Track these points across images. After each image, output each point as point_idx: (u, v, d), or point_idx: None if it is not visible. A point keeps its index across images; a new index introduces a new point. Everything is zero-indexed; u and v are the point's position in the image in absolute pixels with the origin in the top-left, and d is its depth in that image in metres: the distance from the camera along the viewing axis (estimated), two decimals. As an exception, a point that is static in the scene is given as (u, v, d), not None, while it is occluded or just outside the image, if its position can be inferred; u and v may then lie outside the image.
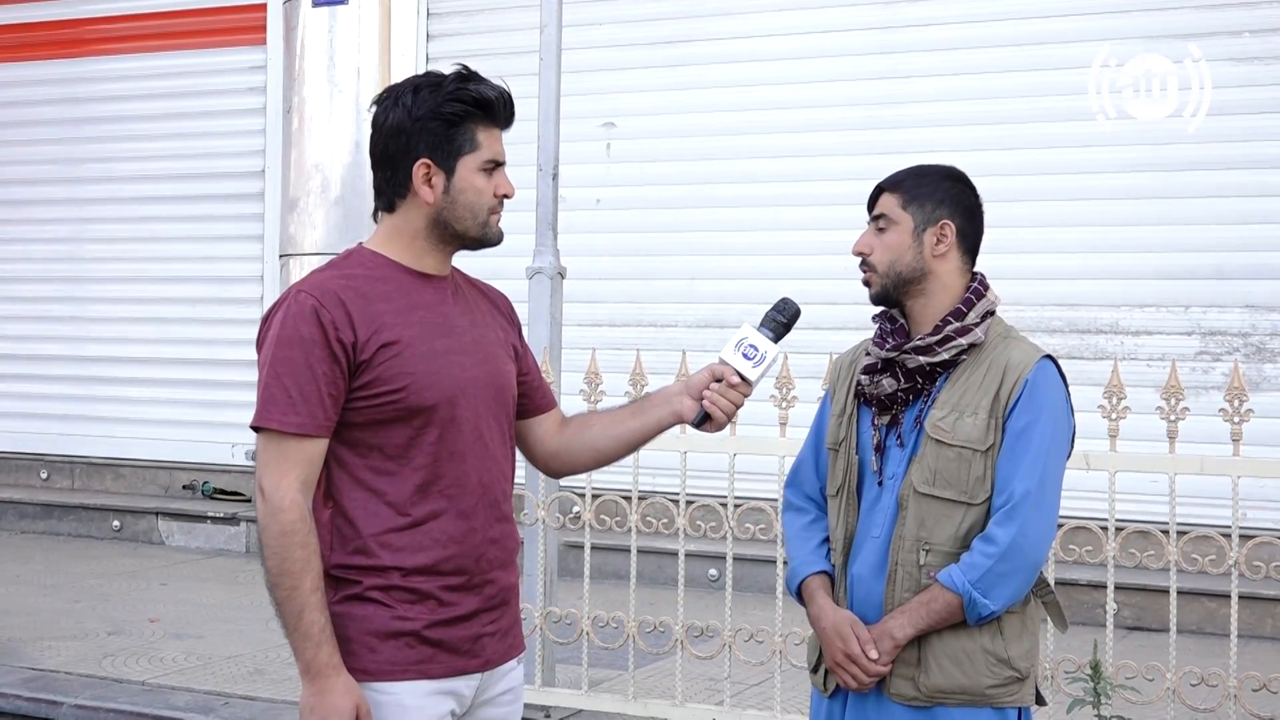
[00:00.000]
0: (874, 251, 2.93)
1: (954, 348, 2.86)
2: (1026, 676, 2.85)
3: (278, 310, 2.59)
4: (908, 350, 2.88)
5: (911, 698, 2.82)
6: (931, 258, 2.90)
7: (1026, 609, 2.88)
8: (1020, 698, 2.83)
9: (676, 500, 5.46)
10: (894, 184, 2.96)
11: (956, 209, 2.93)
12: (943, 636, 2.80)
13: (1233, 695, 4.66)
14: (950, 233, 2.91)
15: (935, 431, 2.82)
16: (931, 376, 2.87)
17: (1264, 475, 5.07)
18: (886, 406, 2.90)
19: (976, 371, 2.86)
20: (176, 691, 5.91)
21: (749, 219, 9.07)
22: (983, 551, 2.76)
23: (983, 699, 2.80)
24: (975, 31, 8.61)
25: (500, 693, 2.73)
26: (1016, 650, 2.83)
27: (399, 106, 2.62)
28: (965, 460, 2.81)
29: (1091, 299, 8.28)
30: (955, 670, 2.80)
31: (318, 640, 2.48)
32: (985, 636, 2.80)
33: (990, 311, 2.92)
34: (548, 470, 2.97)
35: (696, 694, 5.82)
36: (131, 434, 10.88)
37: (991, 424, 2.81)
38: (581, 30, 8.70)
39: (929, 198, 2.92)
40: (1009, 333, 2.93)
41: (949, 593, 2.76)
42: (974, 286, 2.93)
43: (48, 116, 11.41)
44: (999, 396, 2.82)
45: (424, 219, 2.65)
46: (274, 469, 2.51)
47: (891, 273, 2.91)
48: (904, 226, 2.91)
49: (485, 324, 2.75)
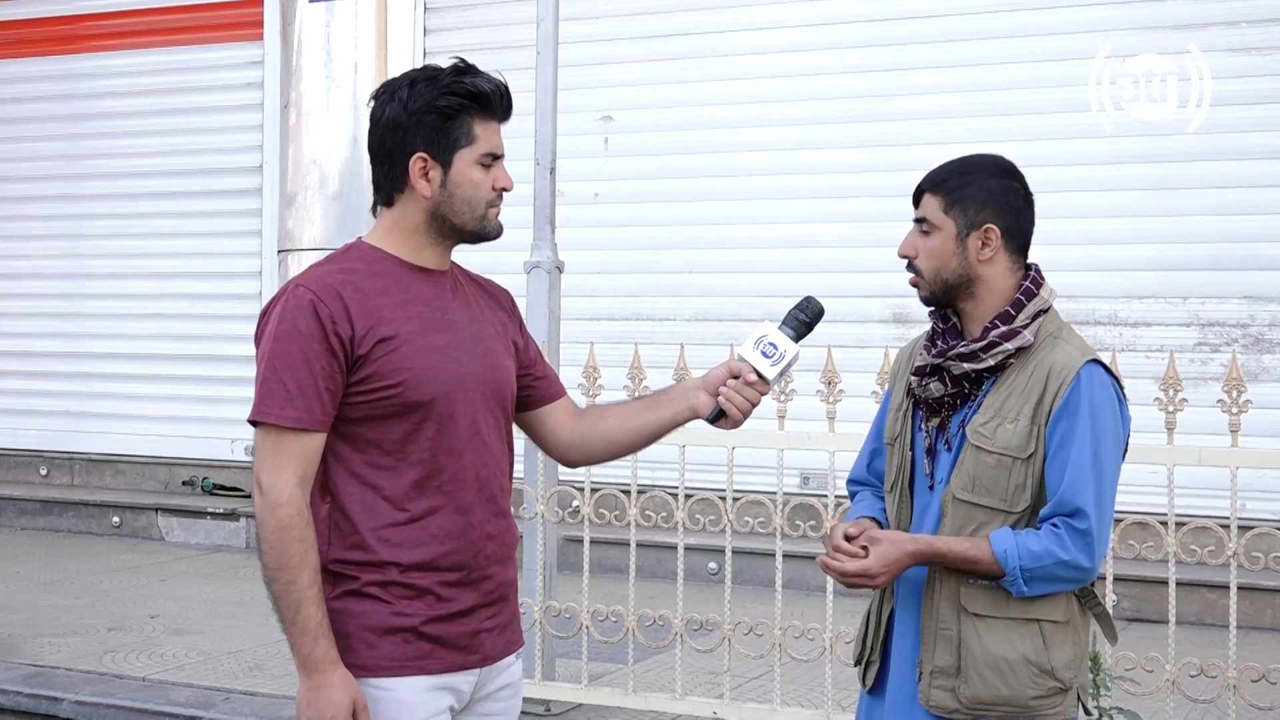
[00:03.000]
0: (919, 256, 2.84)
1: (1000, 353, 2.77)
2: (1070, 688, 2.77)
3: (275, 304, 2.59)
4: (952, 357, 2.80)
5: (951, 709, 2.74)
6: (977, 263, 2.81)
7: (1071, 618, 2.79)
8: (1064, 709, 2.76)
9: (675, 494, 5.45)
10: (936, 184, 2.85)
11: (1002, 209, 2.83)
12: (984, 645, 2.72)
13: (1232, 686, 4.67)
14: (995, 237, 2.81)
15: (975, 438, 2.75)
16: (979, 381, 2.79)
17: (1262, 466, 5.07)
18: (935, 410, 2.84)
19: (1022, 375, 2.76)
20: (177, 687, 5.91)
21: (747, 212, 9.07)
22: (1051, 550, 2.66)
23: (1025, 711, 2.73)
24: (972, 23, 8.60)
25: (499, 688, 2.73)
26: (1060, 660, 2.75)
27: (395, 101, 2.61)
28: (1005, 468, 2.73)
29: (1090, 290, 8.27)
30: (997, 681, 2.71)
31: (314, 635, 2.48)
32: (1028, 646, 2.72)
33: (1043, 310, 2.81)
34: (563, 459, 2.96)
35: (696, 687, 5.83)
36: (131, 430, 10.88)
37: (1034, 431, 2.72)
38: (578, 24, 8.70)
39: (972, 200, 2.81)
40: (1059, 331, 2.81)
41: (994, 559, 2.68)
42: (1025, 286, 2.82)
43: (46, 113, 11.40)
44: (1041, 404, 2.73)
45: (422, 213, 2.64)
46: (271, 463, 2.51)
47: (938, 280, 2.82)
48: (947, 232, 2.81)
49: (484, 319, 2.75)
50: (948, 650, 2.75)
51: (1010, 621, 2.73)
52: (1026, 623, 2.73)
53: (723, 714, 5.40)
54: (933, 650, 2.77)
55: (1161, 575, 5.27)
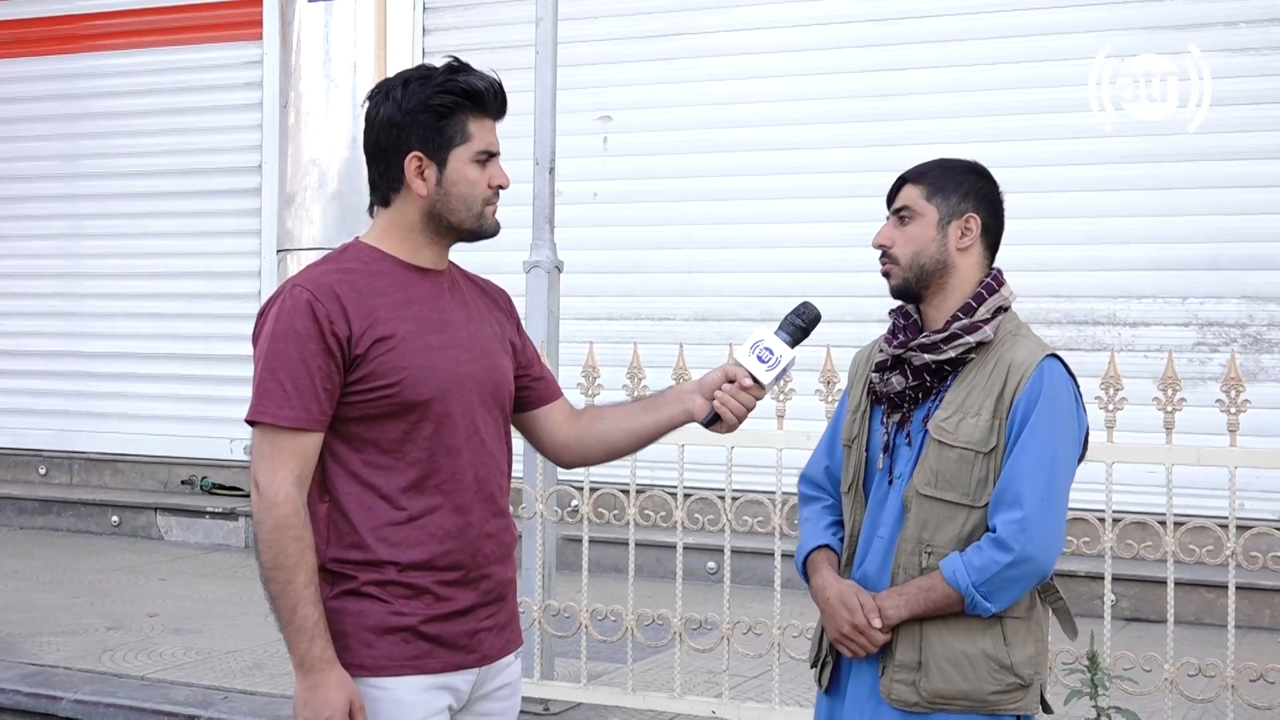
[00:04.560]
0: (896, 244, 2.89)
1: (961, 346, 2.81)
2: (1030, 684, 2.79)
3: (273, 304, 2.59)
4: (913, 348, 2.84)
5: (912, 703, 2.77)
6: (955, 251, 2.86)
7: (1033, 614, 2.82)
8: (1024, 705, 2.78)
9: (674, 493, 5.46)
10: (918, 175, 2.91)
11: (981, 202, 2.89)
12: (944, 639, 2.76)
13: (1230, 685, 4.67)
14: (975, 226, 2.88)
15: (938, 432, 2.79)
16: (940, 375, 2.83)
17: (1261, 466, 5.07)
18: (896, 405, 2.87)
19: (983, 371, 2.81)
20: (176, 686, 5.91)
21: (746, 212, 9.07)
22: (993, 557, 2.70)
23: (984, 705, 2.75)
24: (971, 23, 8.60)
25: (498, 687, 2.73)
26: (1020, 656, 2.78)
27: (390, 100, 2.62)
28: (967, 462, 2.77)
29: (1088, 290, 8.28)
30: (956, 675, 2.75)
31: (311, 634, 2.49)
32: (988, 641, 2.75)
33: (1003, 308, 2.86)
34: (558, 460, 2.96)
35: (695, 687, 5.83)
36: (130, 429, 10.88)
37: (995, 425, 2.76)
38: (577, 24, 8.70)
39: (954, 190, 2.88)
40: (1019, 330, 2.87)
41: (949, 586, 2.72)
42: (987, 282, 2.88)
43: (44, 112, 11.40)
44: (1002, 397, 2.77)
45: (418, 212, 2.64)
46: (269, 463, 2.51)
47: (915, 265, 2.87)
48: (928, 219, 2.87)
49: (482, 319, 2.75)
50: (909, 645, 2.78)
51: (972, 618, 2.76)
52: (988, 619, 2.76)
53: (721, 713, 5.40)
54: (894, 646, 2.80)
55: (1160, 575, 5.28)
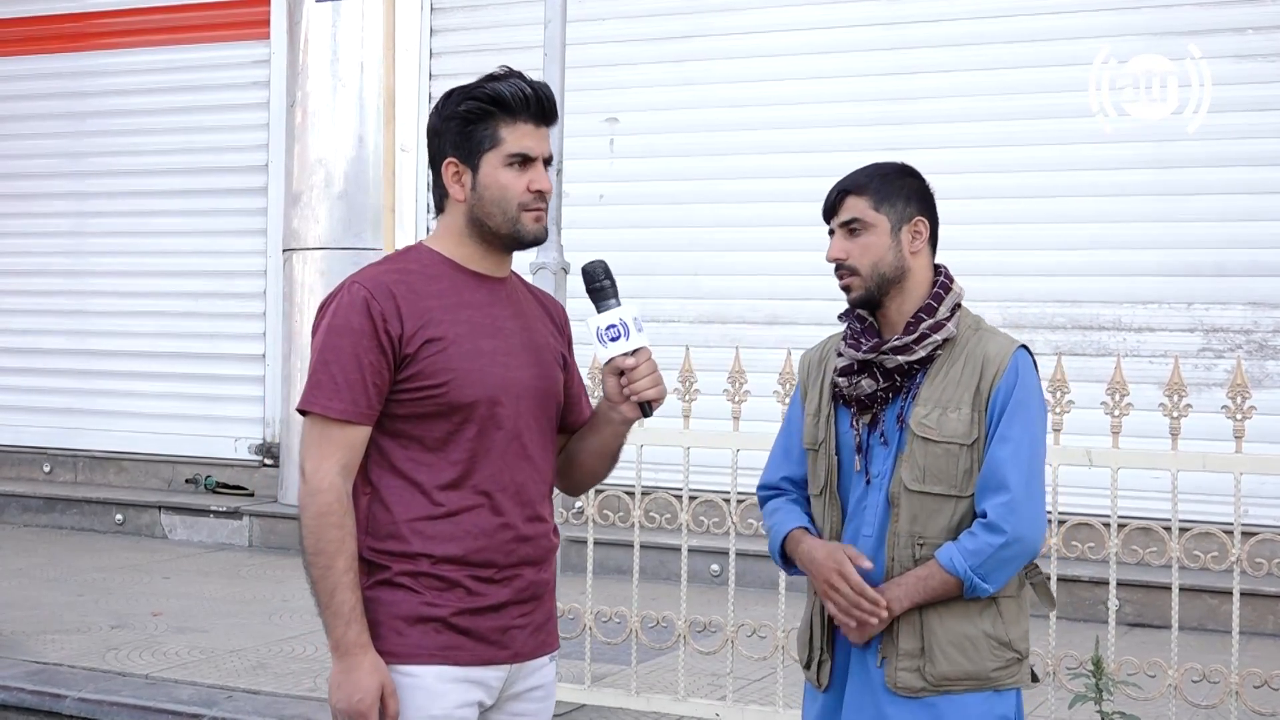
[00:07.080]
0: (852, 256, 2.94)
1: (930, 344, 2.89)
2: (1025, 657, 2.91)
3: (332, 300, 2.67)
4: (885, 351, 2.90)
5: (919, 689, 2.83)
6: (909, 255, 2.93)
7: (1022, 592, 2.94)
8: (1020, 678, 2.90)
9: (679, 496, 5.46)
10: (859, 187, 2.96)
11: (923, 205, 2.97)
12: (945, 624, 2.83)
13: (1234, 692, 4.67)
14: (924, 229, 2.95)
15: (921, 429, 2.85)
16: (910, 374, 2.90)
17: (1266, 472, 5.08)
18: (867, 406, 2.93)
19: (954, 366, 2.89)
20: (180, 685, 5.92)
21: (752, 215, 9.07)
22: (987, 540, 2.79)
23: (986, 682, 2.85)
24: (980, 28, 8.60)
25: (531, 688, 2.76)
26: (1016, 632, 2.89)
27: (435, 111, 2.72)
28: (953, 455, 2.84)
29: (1094, 295, 8.28)
30: (961, 657, 2.83)
31: (347, 619, 2.56)
32: (986, 621, 2.85)
33: (958, 304, 2.95)
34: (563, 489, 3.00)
35: (699, 689, 5.83)
36: (134, 428, 10.90)
37: (975, 417, 2.85)
38: (585, 26, 8.71)
39: (898, 196, 2.94)
40: (979, 324, 2.97)
41: (946, 573, 2.80)
42: (941, 281, 2.96)
43: (52, 111, 11.42)
44: (980, 390, 2.85)
45: (462, 217, 2.72)
46: (316, 452, 2.60)
47: (875, 275, 2.92)
48: (880, 228, 2.92)
49: (536, 329, 2.80)
50: (911, 633, 2.85)
51: (970, 601, 2.85)
52: (984, 600, 2.85)
53: (725, 716, 5.40)
54: (896, 635, 2.86)
55: (1164, 580, 5.28)
